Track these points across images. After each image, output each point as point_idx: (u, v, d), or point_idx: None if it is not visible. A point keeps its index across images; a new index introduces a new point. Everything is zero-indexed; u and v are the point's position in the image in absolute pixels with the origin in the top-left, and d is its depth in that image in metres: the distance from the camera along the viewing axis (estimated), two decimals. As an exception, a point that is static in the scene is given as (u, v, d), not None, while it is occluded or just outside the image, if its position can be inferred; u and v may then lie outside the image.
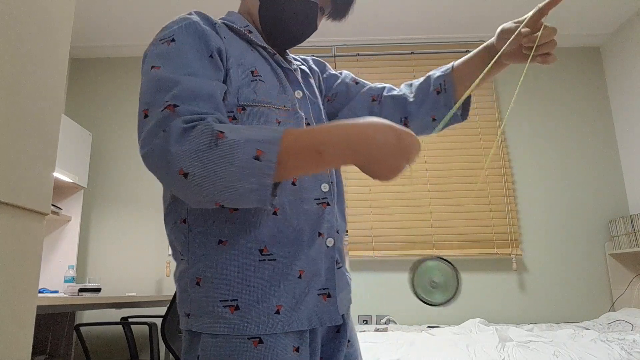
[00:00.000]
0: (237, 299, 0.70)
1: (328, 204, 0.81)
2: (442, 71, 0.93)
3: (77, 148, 3.13)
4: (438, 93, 0.91)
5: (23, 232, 0.58)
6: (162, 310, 3.17)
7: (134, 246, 3.32)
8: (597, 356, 1.81)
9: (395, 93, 0.97)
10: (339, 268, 0.81)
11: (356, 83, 1.01)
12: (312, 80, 0.95)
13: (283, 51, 0.92)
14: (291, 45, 0.90)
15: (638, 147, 3.15)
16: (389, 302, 3.14)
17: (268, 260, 0.72)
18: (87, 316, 3.19)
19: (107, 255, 3.32)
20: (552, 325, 2.67)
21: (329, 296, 0.77)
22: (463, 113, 0.94)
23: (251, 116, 0.76)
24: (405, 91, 0.97)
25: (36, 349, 2.79)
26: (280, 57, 0.87)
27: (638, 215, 2.88)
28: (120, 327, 3.14)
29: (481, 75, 0.86)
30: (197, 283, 0.73)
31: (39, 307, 1.67)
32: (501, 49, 0.84)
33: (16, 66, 0.58)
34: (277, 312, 0.71)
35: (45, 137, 0.63)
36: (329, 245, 0.80)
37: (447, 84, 0.91)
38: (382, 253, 3.17)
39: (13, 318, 0.56)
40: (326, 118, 0.96)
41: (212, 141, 0.62)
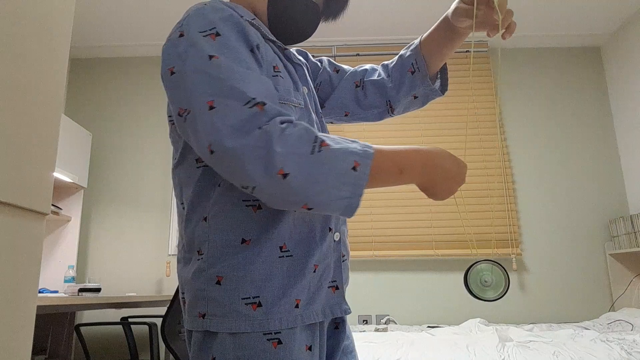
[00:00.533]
0: (259, 296, 0.71)
1: None
2: (412, 50, 0.98)
3: (77, 148, 3.13)
4: (412, 73, 0.98)
5: (23, 232, 0.58)
6: (162, 310, 3.17)
7: (134, 246, 3.32)
8: (597, 356, 1.81)
9: (375, 78, 1.02)
10: (344, 261, 0.84)
11: (337, 72, 1.05)
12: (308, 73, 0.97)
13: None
14: (295, 42, 0.90)
15: (638, 147, 3.15)
16: (389, 302, 3.15)
17: (286, 256, 0.74)
18: (87, 316, 3.19)
19: (107, 255, 3.32)
20: (552, 325, 2.67)
21: (337, 288, 0.80)
22: (442, 87, 1.01)
23: None
24: (383, 75, 1.03)
25: (36, 349, 2.79)
26: (290, 52, 0.87)
27: (638, 215, 2.88)
28: (120, 327, 3.15)
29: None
30: (218, 282, 0.73)
31: (39, 307, 1.67)
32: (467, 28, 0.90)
33: (16, 66, 0.57)
34: (297, 306, 0.73)
35: (45, 137, 0.63)
36: (336, 239, 0.82)
37: (419, 63, 0.97)
38: (382, 253, 3.18)
39: (13, 318, 0.56)
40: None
41: (315, 147, 0.65)
